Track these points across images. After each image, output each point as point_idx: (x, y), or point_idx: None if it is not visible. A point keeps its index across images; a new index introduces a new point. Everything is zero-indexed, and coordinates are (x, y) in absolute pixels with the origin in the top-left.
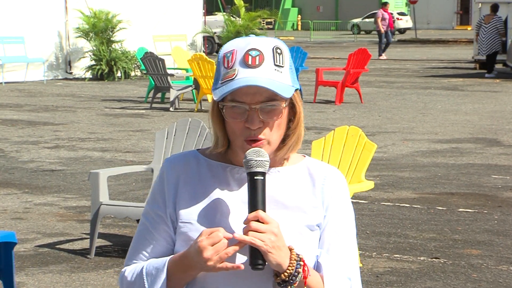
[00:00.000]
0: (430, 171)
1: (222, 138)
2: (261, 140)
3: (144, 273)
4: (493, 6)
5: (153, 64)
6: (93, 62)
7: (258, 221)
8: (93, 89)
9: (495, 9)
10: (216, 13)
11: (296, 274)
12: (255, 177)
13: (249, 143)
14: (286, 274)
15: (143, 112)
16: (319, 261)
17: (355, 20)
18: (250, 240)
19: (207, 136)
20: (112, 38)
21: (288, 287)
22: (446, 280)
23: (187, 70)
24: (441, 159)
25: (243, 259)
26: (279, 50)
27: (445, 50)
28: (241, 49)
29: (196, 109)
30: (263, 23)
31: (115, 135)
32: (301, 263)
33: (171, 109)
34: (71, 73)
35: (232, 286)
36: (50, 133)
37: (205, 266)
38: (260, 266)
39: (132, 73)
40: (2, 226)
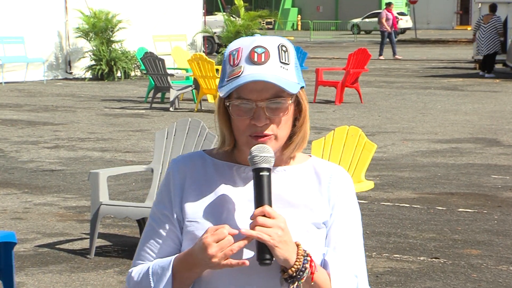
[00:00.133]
0: (430, 171)
1: (229, 137)
2: (268, 136)
3: (150, 273)
4: (492, 6)
5: (153, 64)
6: (93, 62)
7: (265, 216)
8: (93, 89)
9: (494, 9)
10: (216, 13)
11: (304, 270)
12: (261, 173)
13: (255, 139)
14: (294, 269)
15: (143, 112)
16: (326, 259)
17: (355, 20)
18: (257, 235)
19: (207, 136)
20: (112, 38)
21: (296, 283)
22: (446, 280)
23: (187, 70)
24: (441, 159)
25: (250, 255)
26: (285, 48)
27: (445, 50)
28: (247, 47)
29: (196, 109)
30: (263, 23)
31: (115, 135)
32: (308, 259)
33: (171, 109)
34: (71, 73)
35: (240, 283)
36: (50, 133)
37: (210, 263)
38: (268, 261)
39: (132, 73)
40: (2, 226)
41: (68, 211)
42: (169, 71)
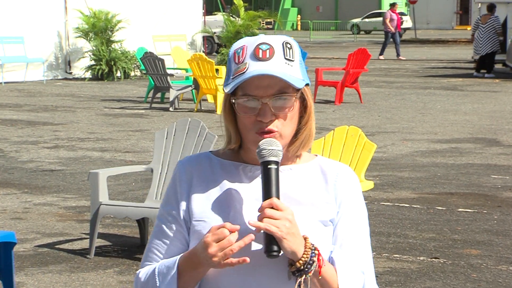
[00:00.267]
0: (430, 171)
1: (235, 135)
2: (273, 132)
3: (156, 273)
4: (489, 6)
5: (153, 64)
6: (93, 62)
7: (273, 209)
8: (93, 89)
9: (491, 9)
10: (216, 13)
11: (311, 263)
12: (269, 166)
13: (261, 135)
14: (301, 262)
15: (143, 112)
16: (332, 256)
17: (355, 20)
18: (265, 227)
19: (207, 136)
20: (112, 38)
21: (303, 276)
22: (446, 280)
23: (187, 70)
24: (441, 159)
25: (258, 248)
26: (289, 45)
27: (445, 50)
28: (252, 44)
29: (196, 109)
30: (263, 23)
31: (115, 135)
32: (316, 252)
33: (171, 109)
34: (71, 73)
35: (247, 277)
36: (50, 133)
37: (211, 262)
38: (275, 253)
39: (132, 73)
40: (2, 226)
41: (68, 211)
42: (169, 71)
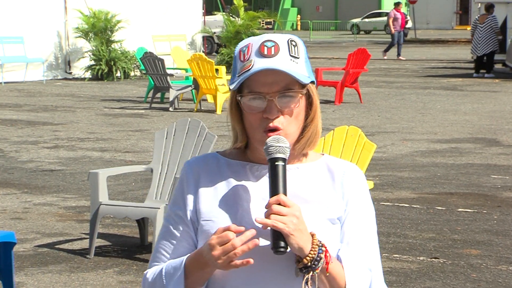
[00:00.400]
0: (430, 171)
1: (241, 133)
2: (280, 130)
3: (163, 273)
4: (487, 6)
5: (153, 64)
6: (93, 62)
7: (280, 205)
8: (93, 89)
9: (489, 9)
10: (216, 13)
11: (319, 259)
12: (276, 163)
13: (266, 133)
14: (308, 259)
15: (143, 112)
16: (339, 254)
17: (355, 20)
18: (272, 223)
19: (207, 136)
20: (112, 38)
21: (311, 273)
22: (446, 280)
23: (187, 70)
24: (441, 159)
25: (265, 244)
26: (294, 43)
27: (445, 50)
28: (257, 42)
29: (196, 109)
30: (262, 23)
31: (115, 135)
32: (323, 249)
33: (171, 109)
34: (71, 73)
35: (255, 274)
36: (50, 133)
37: (216, 264)
38: (282, 249)
39: (132, 73)
40: (2, 226)
41: (68, 211)
42: (169, 71)
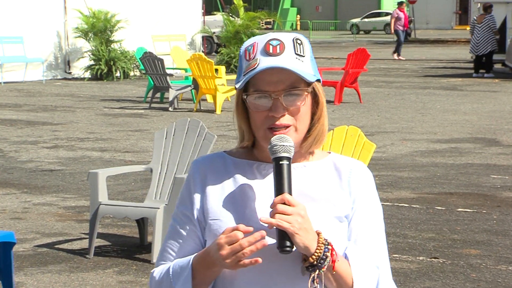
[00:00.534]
0: (429, 171)
1: (248, 132)
2: (287, 127)
3: (171, 272)
4: (485, 6)
5: (152, 64)
6: (92, 62)
7: (285, 204)
8: (92, 89)
9: (487, 9)
10: (215, 13)
11: (325, 258)
12: (280, 162)
13: (272, 132)
14: (314, 257)
15: (142, 112)
16: (346, 252)
17: (354, 20)
18: (277, 223)
19: (206, 136)
20: (111, 38)
21: (317, 271)
22: (445, 280)
23: (186, 70)
24: (440, 159)
25: (271, 243)
26: (299, 41)
27: (444, 50)
28: (262, 41)
29: (195, 109)
30: (262, 23)
31: (114, 135)
32: (329, 247)
33: (170, 109)
34: (70, 73)
35: (262, 273)
36: (49, 133)
37: (224, 264)
38: (288, 249)
39: (131, 73)
40: (1, 226)
41: (67, 211)
42: (168, 71)
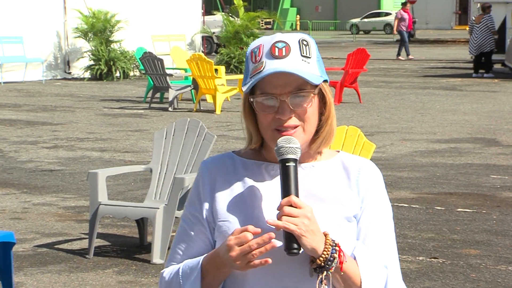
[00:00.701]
0: (429, 171)
1: (255, 134)
2: (294, 128)
3: (180, 273)
4: (483, 6)
5: (152, 64)
6: (92, 62)
7: (291, 206)
8: (92, 89)
9: (485, 9)
10: (215, 13)
11: (332, 259)
12: (287, 164)
13: (279, 133)
14: (322, 259)
15: (142, 112)
16: (354, 251)
17: (354, 20)
18: (284, 225)
19: (206, 136)
20: (111, 38)
21: (325, 273)
22: (445, 280)
23: (186, 70)
24: (440, 159)
25: (279, 245)
26: (305, 42)
27: (444, 50)
28: (268, 43)
29: (195, 109)
30: (262, 23)
31: (114, 135)
32: (337, 249)
33: (170, 109)
34: (70, 73)
35: (270, 274)
36: (49, 133)
37: (234, 265)
38: (295, 251)
39: (131, 73)
40: (1, 226)
41: (67, 211)
42: (168, 71)
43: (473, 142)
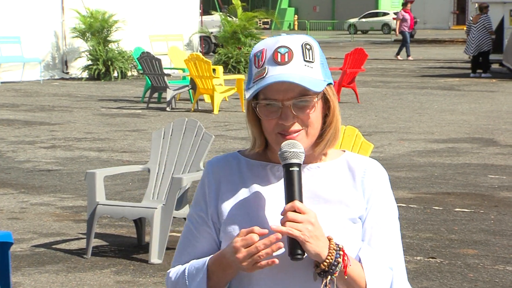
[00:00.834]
0: (427, 171)
1: (259, 138)
2: (297, 132)
3: (186, 274)
4: (480, 6)
5: (150, 64)
6: (90, 62)
7: (295, 212)
8: (90, 89)
9: (483, 9)
10: (213, 13)
11: (336, 264)
12: (291, 168)
13: (282, 137)
14: (326, 264)
15: (140, 112)
16: (359, 254)
17: (352, 20)
18: (287, 231)
19: (204, 136)
20: (109, 38)
21: (329, 277)
22: (443, 280)
23: (184, 70)
24: (438, 159)
25: (282, 250)
26: (309, 46)
27: (442, 50)
28: (270, 48)
29: (193, 109)
30: (260, 23)
31: (112, 135)
32: (341, 253)
33: (168, 109)
34: (68, 73)
35: (274, 278)
36: (47, 133)
37: (241, 267)
38: (299, 256)
39: (129, 73)
40: None
41: (65, 211)
42: (166, 71)
43: (471, 142)
